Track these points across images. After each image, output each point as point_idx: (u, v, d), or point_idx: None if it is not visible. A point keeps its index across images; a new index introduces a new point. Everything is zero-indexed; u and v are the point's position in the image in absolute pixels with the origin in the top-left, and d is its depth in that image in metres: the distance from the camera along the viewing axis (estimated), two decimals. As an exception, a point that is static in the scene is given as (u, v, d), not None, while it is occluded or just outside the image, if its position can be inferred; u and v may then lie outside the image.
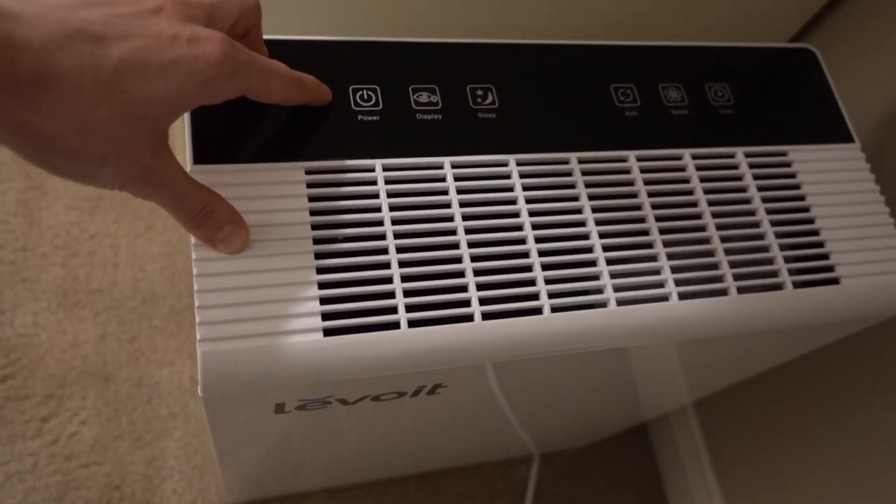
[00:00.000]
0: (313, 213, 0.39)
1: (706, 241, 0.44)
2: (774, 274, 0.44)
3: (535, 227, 0.41)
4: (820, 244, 0.46)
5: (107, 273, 0.87)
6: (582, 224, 0.42)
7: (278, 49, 0.41)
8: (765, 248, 0.45)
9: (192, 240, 0.36)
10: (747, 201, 0.46)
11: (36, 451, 0.78)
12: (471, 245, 0.40)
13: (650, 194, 0.44)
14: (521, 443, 0.81)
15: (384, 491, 0.87)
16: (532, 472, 0.91)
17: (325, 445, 0.59)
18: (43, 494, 0.76)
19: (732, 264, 0.44)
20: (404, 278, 0.38)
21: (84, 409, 0.81)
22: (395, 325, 0.37)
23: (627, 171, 0.45)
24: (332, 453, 0.64)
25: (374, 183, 0.40)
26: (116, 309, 0.86)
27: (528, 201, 0.42)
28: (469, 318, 0.39)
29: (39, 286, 0.85)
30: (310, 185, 0.39)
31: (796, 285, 0.44)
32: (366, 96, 0.42)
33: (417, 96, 0.43)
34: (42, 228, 0.88)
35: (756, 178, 0.46)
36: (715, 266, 0.44)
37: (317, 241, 0.38)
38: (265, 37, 0.40)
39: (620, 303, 0.41)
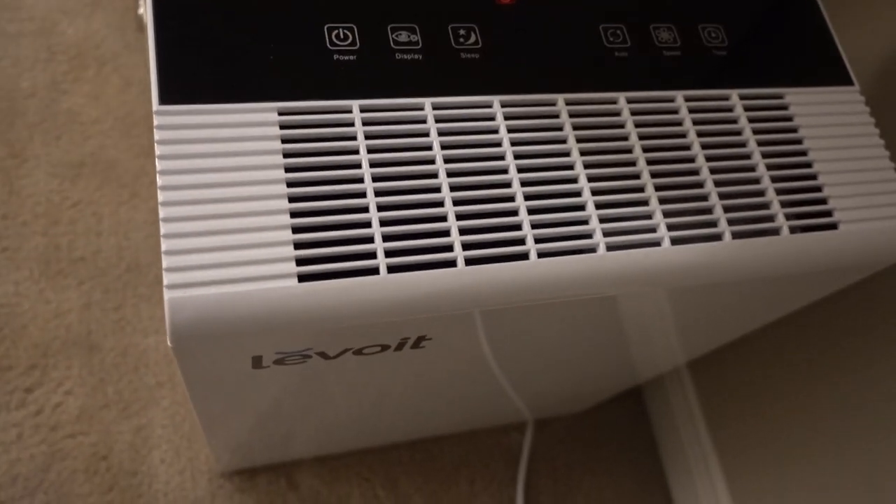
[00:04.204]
0: (287, 155, 0.37)
1: (699, 185, 0.42)
2: (770, 219, 0.43)
3: (520, 170, 0.40)
4: (818, 188, 0.44)
5: (90, 241, 0.86)
6: (570, 167, 0.41)
7: (248, -15, 0.39)
8: (760, 193, 0.43)
9: (159, 182, 0.35)
10: (742, 144, 0.44)
11: (20, 421, 0.77)
12: (453, 188, 0.38)
13: (641, 137, 0.42)
14: (515, 408, 0.80)
15: (377, 458, 0.85)
16: (526, 439, 0.90)
17: (311, 408, 0.58)
18: (28, 465, 0.75)
19: (727, 209, 0.42)
20: (383, 222, 0.37)
21: (69, 378, 0.79)
22: (374, 271, 0.36)
23: (617, 114, 0.43)
24: (320, 418, 0.62)
25: (350, 124, 0.38)
26: (100, 277, 0.84)
27: (514, 144, 0.40)
28: (452, 263, 0.37)
29: (20, 255, 0.83)
30: (283, 127, 0.37)
31: (793, 230, 0.43)
32: (342, 35, 0.40)
33: (396, 35, 0.41)
34: (22, 197, 0.86)
35: (751, 121, 0.45)
36: (709, 210, 0.42)
37: (290, 185, 0.36)
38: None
39: (610, 248, 0.39)
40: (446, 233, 0.37)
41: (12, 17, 0.96)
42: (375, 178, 0.37)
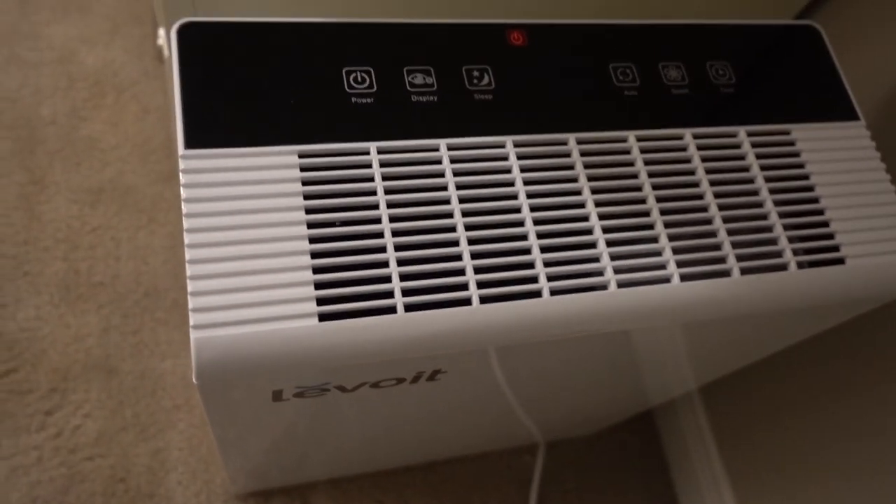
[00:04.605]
0: (307, 197, 0.38)
1: (708, 221, 0.43)
2: (778, 254, 0.44)
3: (533, 208, 0.41)
4: (825, 223, 0.45)
5: (109, 266, 0.87)
6: (581, 205, 0.42)
7: (269, 32, 0.40)
8: (768, 228, 0.44)
9: (185, 224, 0.36)
10: (750, 181, 0.45)
11: (40, 444, 0.78)
12: (468, 228, 0.39)
13: (651, 175, 0.43)
14: (526, 431, 0.80)
15: (390, 480, 0.86)
16: (538, 461, 0.90)
17: (327, 434, 0.59)
18: (48, 488, 0.76)
19: (735, 245, 0.43)
20: (400, 262, 0.38)
21: (88, 402, 0.81)
22: (392, 310, 0.37)
23: (627, 152, 0.44)
24: (335, 443, 0.63)
25: (368, 166, 0.39)
26: (119, 302, 0.86)
27: (527, 183, 0.41)
28: (467, 301, 0.38)
29: (41, 280, 0.85)
30: (303, 169, 0.38)
31: (801, 265, 0.44)
32: (359, 78, 0.41)
33: (412, 78, 0.42)
34: (43, 222, 0.87)
35: (759, 157, 0.46)
36: (717, 247, 0.43)
37: (311, 226, 0.37)
38: (255, 20, 0.39)
39: (621, 285, 0.40)
40: (461, 272, 0.39)
41: (33, 45, 0.98)
42: (392, 219, 0.39)
